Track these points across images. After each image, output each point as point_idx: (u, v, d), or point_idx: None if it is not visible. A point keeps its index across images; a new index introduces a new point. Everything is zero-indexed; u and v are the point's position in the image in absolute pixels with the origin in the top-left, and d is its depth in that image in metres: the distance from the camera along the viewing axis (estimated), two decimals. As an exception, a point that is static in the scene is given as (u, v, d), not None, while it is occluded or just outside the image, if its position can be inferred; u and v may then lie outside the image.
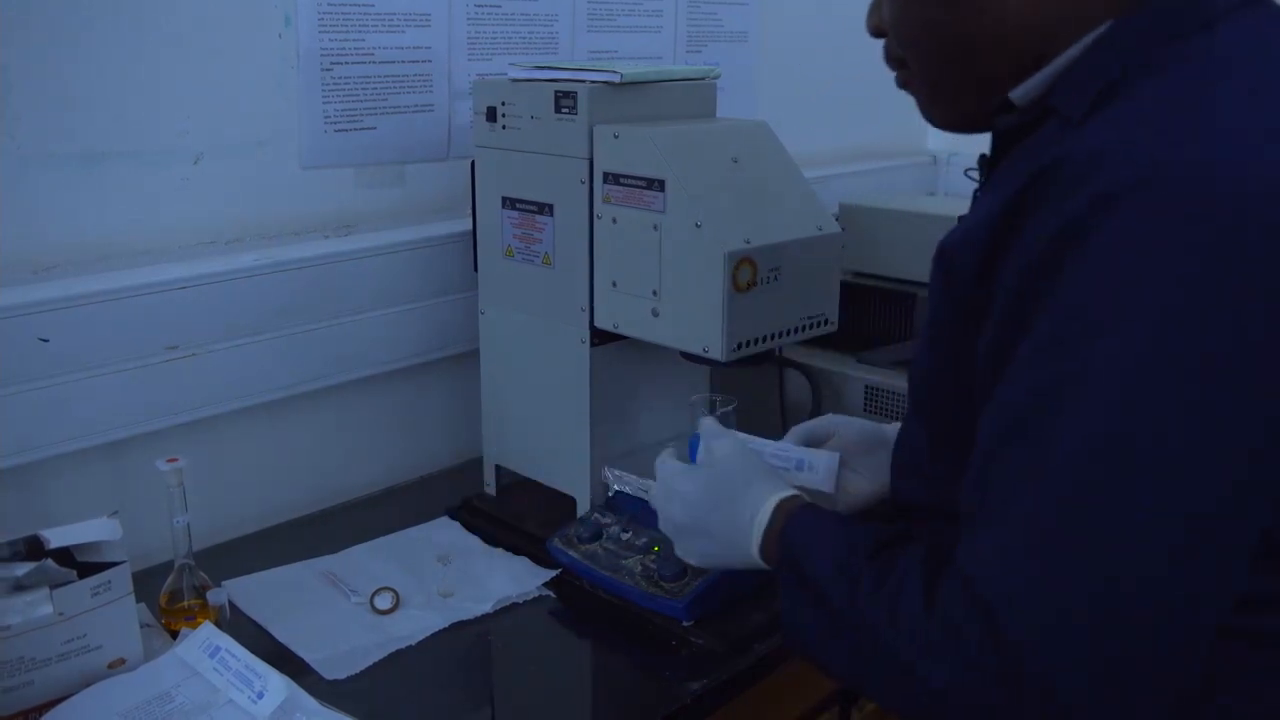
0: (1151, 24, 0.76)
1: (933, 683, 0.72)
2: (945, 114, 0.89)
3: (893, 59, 0.90)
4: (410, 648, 1.16)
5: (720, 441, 1.07)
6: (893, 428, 1.14)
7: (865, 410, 1.68)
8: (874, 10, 0.90)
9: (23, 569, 1.02)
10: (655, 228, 1.20)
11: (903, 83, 0.90)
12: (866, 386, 1.71)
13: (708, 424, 1.13)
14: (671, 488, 1.06)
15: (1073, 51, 0.79)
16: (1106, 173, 0.68)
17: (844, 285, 1.32)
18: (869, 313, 1.81)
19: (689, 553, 1.05)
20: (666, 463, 1.09)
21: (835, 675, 0.87)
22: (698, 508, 1.02)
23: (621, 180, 1.22)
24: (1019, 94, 0.82)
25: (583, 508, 1.36)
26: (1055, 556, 0.68)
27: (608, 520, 1.30)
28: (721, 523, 0.99)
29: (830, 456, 1.12)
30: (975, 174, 0.99)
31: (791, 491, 0.98)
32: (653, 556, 1.23)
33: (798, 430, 1.17)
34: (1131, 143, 0.69)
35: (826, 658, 0.85)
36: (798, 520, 0.92)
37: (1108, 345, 0.67)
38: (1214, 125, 0.68)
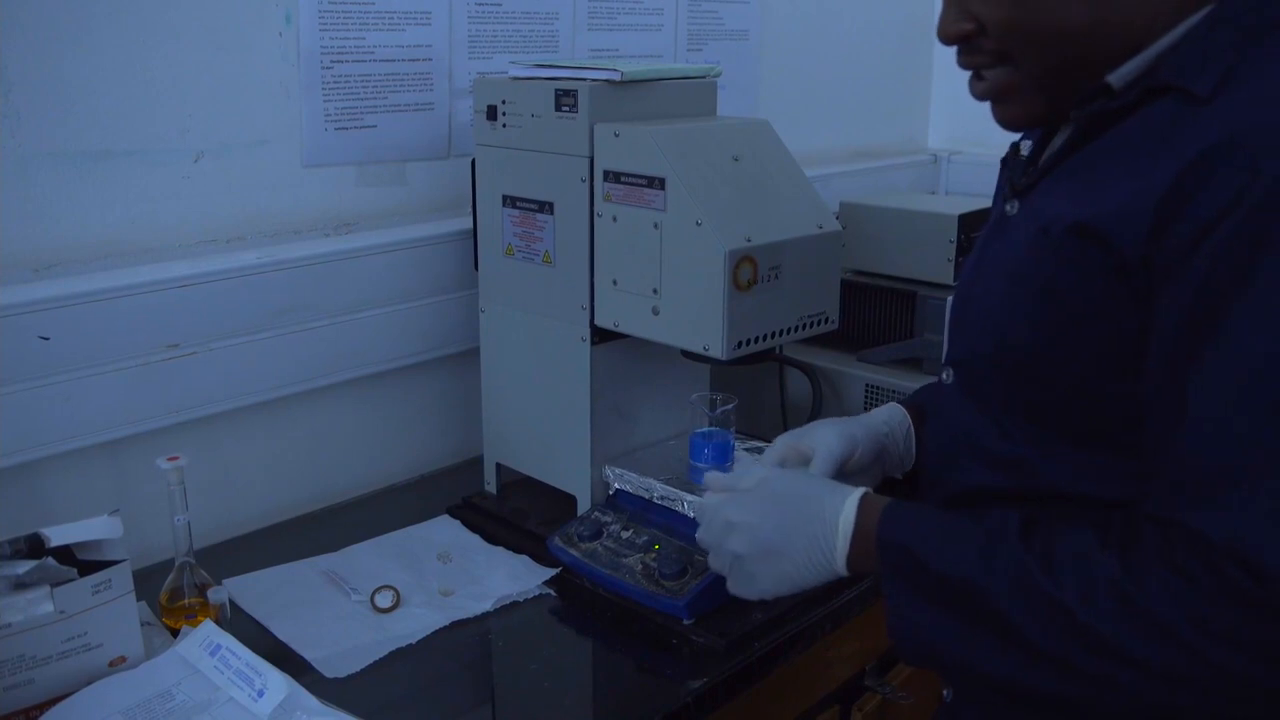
0: (1255, 8, 0.79)
1: (1198, 660, 0.71)
2: (1038, 111, 0.89)
3: (987, 56, 0.88)
4: (411, 646, 1.16)
5: (757, 468, 1.03)
6: (868, 417, 1.13)
7: (865, 408, 1.68)
8: (957, 17, 0.87)
9: (23, 567, 1.02)
10: (656, 226, 1.20)
11: (998, 85, 0.89)
12: (867, 385, 1.71)
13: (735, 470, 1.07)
14: (726, 521, 0.98)
15: (1172, 35, 0.81)
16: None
17: (845, 284, 1.32)
18: (870, 311, 1.81)
19: (754, 583, 0.97)
20: (710, 498, 1.02)
21: (979, 674, 0.81)
22: (761, 532, 0.95)
23: (622, 179, 1.22)
24: (1117, 77, 0.84)
25: (583, 506, 1.36)
26: None
27: (608, 518, 1.30)
28: (795, 543, 0.92)
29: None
30: (1021, 151, 0.99)
31: (865, 490, 0.92)
32: (653, 555, 1.24)
33: (824, 461, 1.07)
34: None
35: (968, 657, 0.81)
36: (897, 516, 0.87)
37: None
38: None
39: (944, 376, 0.99)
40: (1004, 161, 1.02)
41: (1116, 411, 0.83)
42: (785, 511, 0.94)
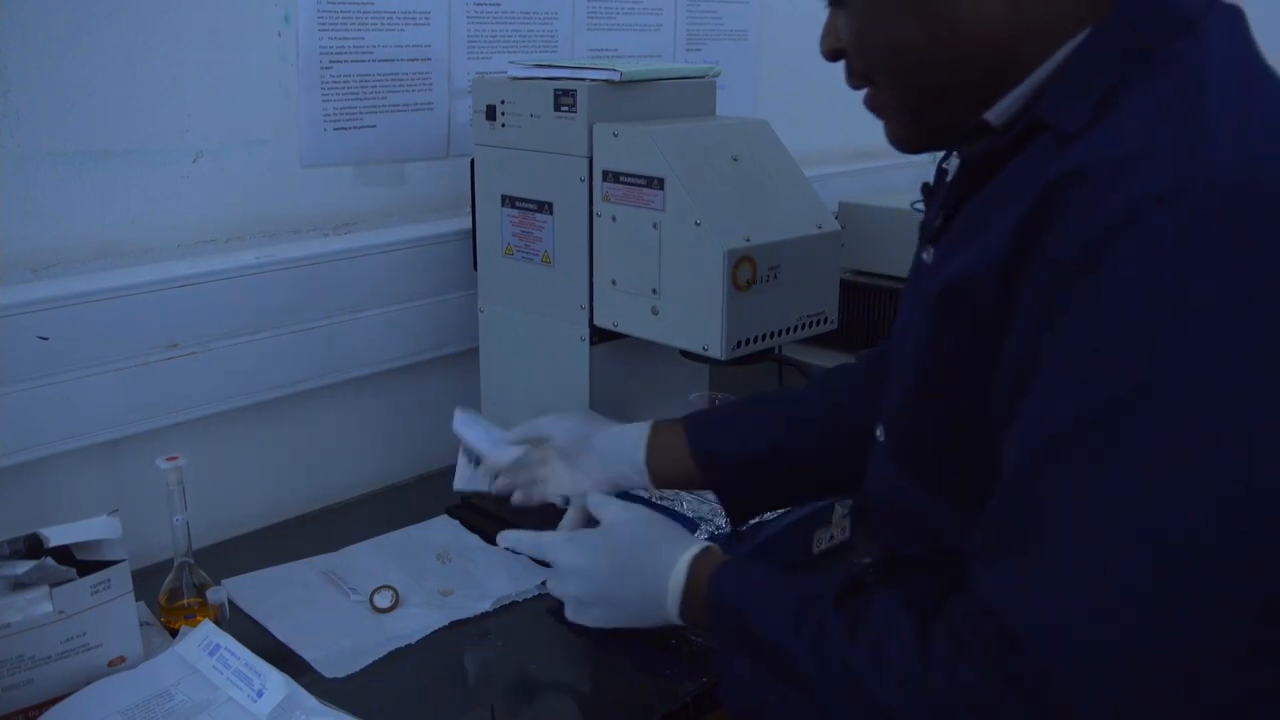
0: (1132, 31, 0.74)
1: None
2: (913, 134, 0.85)
3: (857, 77, 0.85)
4: (410, 646, 1.16)
5: (610, 509, 1.06)
6: (608, 425, 1.19)
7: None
8: (829, 33, 0.85)
9: (22, 567, 1.02)
10: (655, 226, 1.20)
11: (870, 103, 0.86)
12: (866, 385, 1.71)
13: (594, 498, 1.11)
14: (564, 564, 1.04)
15: (1049, 65, 0.76)
16: (1137, 180, 0.65)
17: (844, 284, 1.32)
18: (869, 311, 1.81)
19: (591, 618, 1.04)
20: (554, 539, 1.08)
21: None
22: (598, 579, 1.01)
23: (621, 179, 1.22)
24: (995, 114, 0.79)
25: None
26: (1102, 593, 0.64)
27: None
28: (629, 592, 0.97)
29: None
30: (921, 205, 0.96)
31: (703, 545, 0.96)
32: None
33: (517, 431, 1.22)
34: (1150, 151, 0.67)
35: (784, 717, 0.80)
36: (726, 576, 0.89)
37: (1162, 351, 0.63)
38: (1219, 127, 0.67)
39: (877, 433, 0.94)
40: (924, 196, 0.97)
41: None
42: (623, 562, 0.99)
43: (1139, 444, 0.63)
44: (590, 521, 1.11)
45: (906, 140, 0.86)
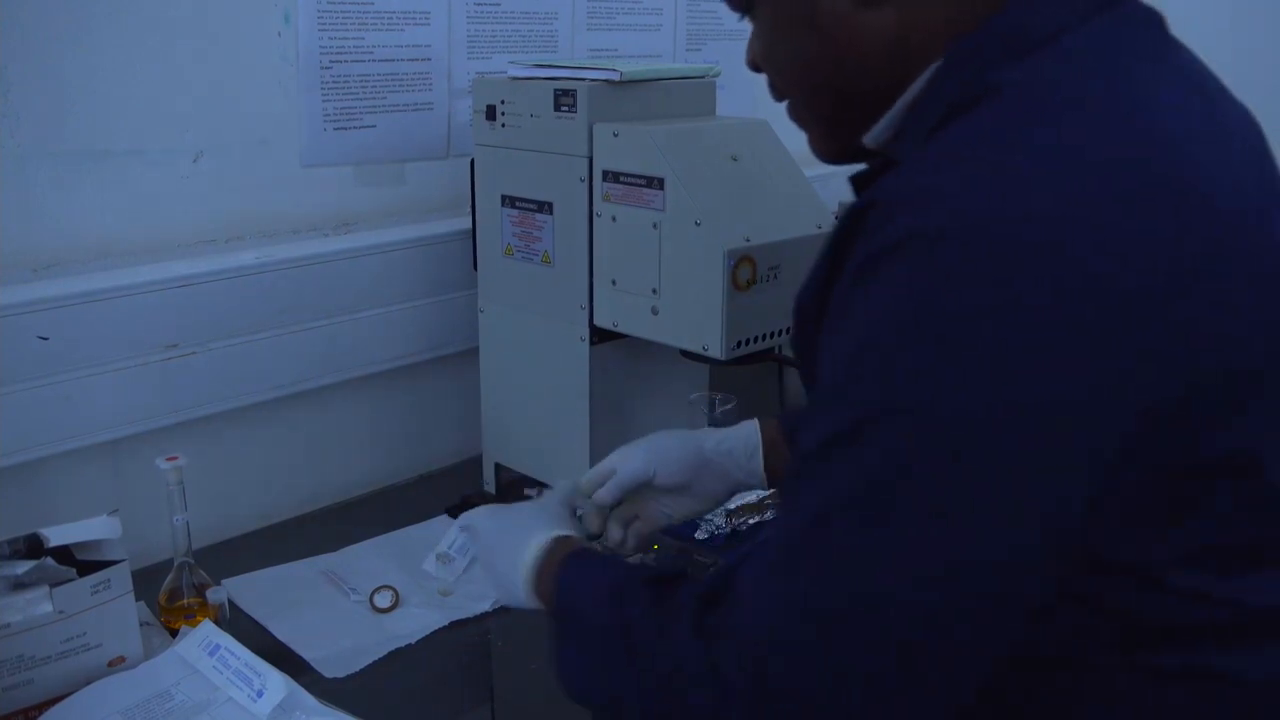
0: (975, 53, 0.71)
1: (691, 700, 0.71)
2: (827, 146, 0.84)
3: (775, 89, 0.86)
4: (410, 646, 1.16)
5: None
6: (711, 437, 1.13)
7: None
8: (749, 47, 0.86)
9: (22, 567, 1.02)
10: (655, 226, 1.20)
11: (791, 114, 0.86)
12: (866, 385, 1.71)
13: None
14: (472, 523, 1.05)
15: (915, 87, 0.74)
16: (912, 214, 0.63)
17: (844, 284, 1.31)
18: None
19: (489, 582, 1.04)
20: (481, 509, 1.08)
21: (600, 709, 0.84)
22: (483, 547, 1.02)
23: (621, 178, 1.22)
24: (871, 138, 0.78)
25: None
26: (798, 577, 0.66)
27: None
28: (501, 564, 0.98)
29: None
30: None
31: (563, 532, 0.97)
32: (652, 555, 1.23)
33: (616, 484, 1.11)
34: (934, 187, 0.64)
35: (591, 689, 0.82)
36: (573, 560, 0.90)
37: (891, 381, 0.63)
38: (1017, 173, 0.63)
39: None
40: None
41: None
42: (505, 537, 0.99)
43: (854, 474, 0.64)
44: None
45: (825, 152, 0.85)
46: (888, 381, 0.63)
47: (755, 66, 0.86)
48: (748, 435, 1.12)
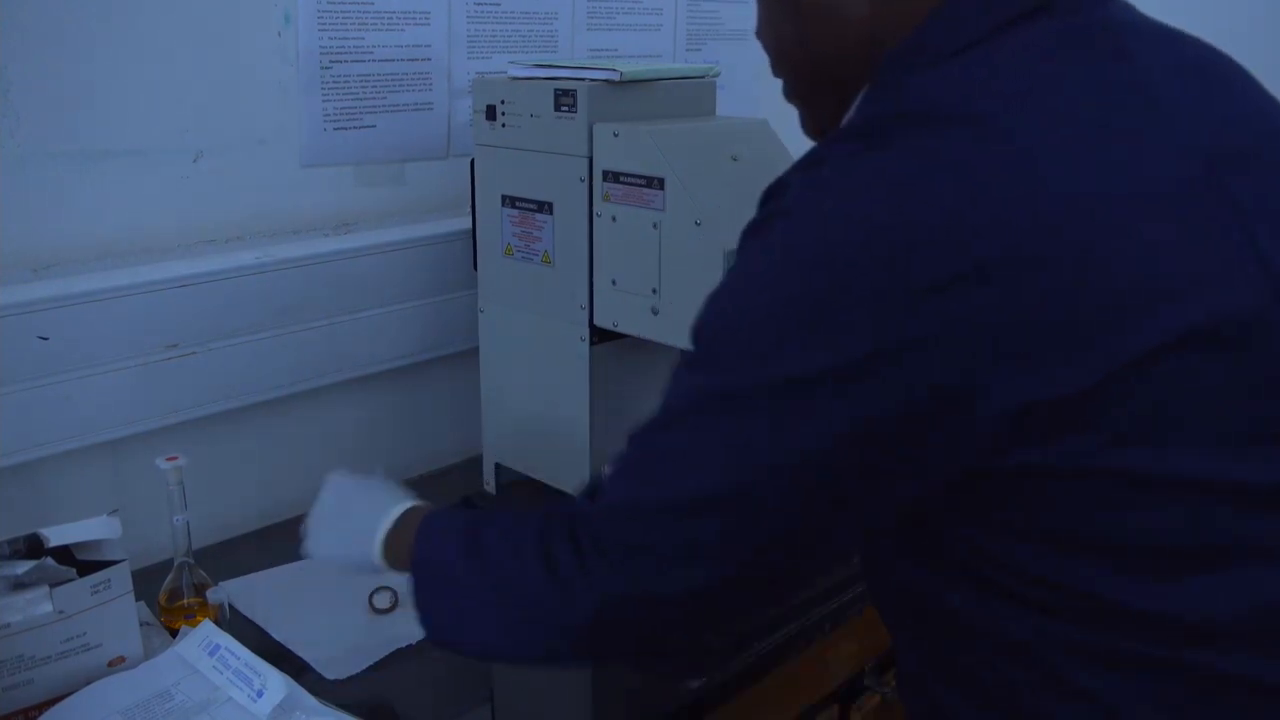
0: (901, 55, 0.74)
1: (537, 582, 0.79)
2: (809, 126, 0.89)
3: (775, 71, 0.89)
4: (410, 647, 1.16)
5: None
6: None
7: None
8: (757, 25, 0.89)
9: (22, 567, 1.02)
10: (655, 226, 1.20)
11: (784, 93, 0.90)
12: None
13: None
14: (324, 490, 1.09)
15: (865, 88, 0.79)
16: (787, 195, 0.72)
17: (844, 284, 1.32)
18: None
19: (313, 550, 1.07)
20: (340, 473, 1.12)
21: (462, 645, 0.89)
22: (325, 510, 1.06)
23: (621, 178, 1.22)
24: (848, 119, 0.80)
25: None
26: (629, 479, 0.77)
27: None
28: (345, 527, 1.02)
29: None
30: None
31: (418, 503, 1.01)
32: None
33: None
34: (794, 181, 0.72)
35: (457, 628, 0.88)
36: (430, 516, 0.95)
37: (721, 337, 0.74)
38: (872, 170, 0.68)
39: None
40: None
41: None
42: (351, 499, 1.07)
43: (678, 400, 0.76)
44: None
45: (808, 132, 0.89)
46: (719, 328, 0.75)
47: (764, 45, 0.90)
48: None
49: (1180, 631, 0.69)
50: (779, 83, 0.89)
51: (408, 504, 1.01)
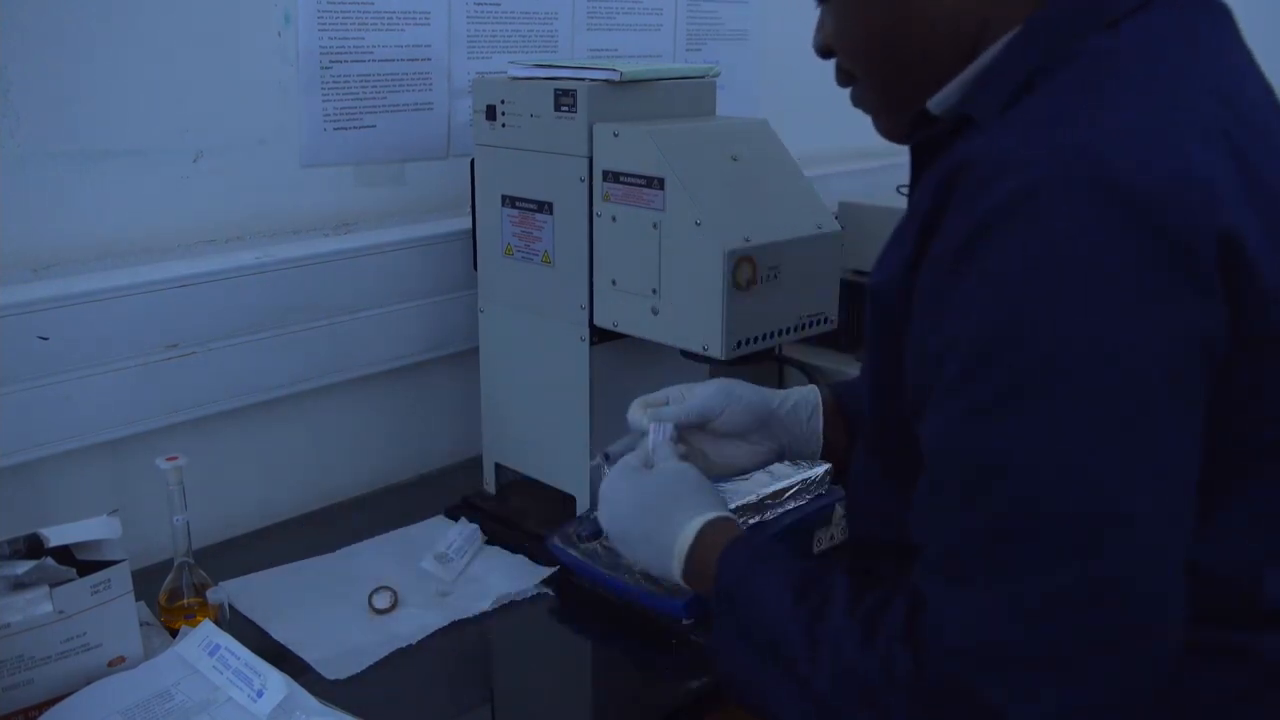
0: (1055, 23, 0.75)
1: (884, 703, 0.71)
2: (892, 125, 0.87)
3: (843, 74, 0.88)
4: (410, 647, 1.16)
5: (669, 458, 1.03)
6: (777, 394, 1.12)
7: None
8: (819, 30, 0.88)
9: (22, 567, 1.02)
10: (655, 226, 1.20)
11: (855, 99, 0.89)
12: (866, 385, 1.71)
13: (662, 449, 1.04)
14: (611, 487, 1.01)
15: (988, 55, 0.77)
16: (1012, 175, 0.66)
17: (844, 283, 1.32)
18: (869, 311, 1.81)
19: (625, 554, 1.02)
20: (618, 464, 1.05)
21: (762, 710, 0.83)
22: (626, 518, 0.99)
23: (621, 179, 1.22)
24: (935, 102, 0.81)
25: (582, 506, 1.36)
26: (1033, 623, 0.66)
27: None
28: (645, 537, 0.96)
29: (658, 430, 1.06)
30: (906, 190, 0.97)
31: (718, 513, 0.94)
32: None
33: (682, 409, 1.08)
34: (1027, 146, 0.67)
35: (772, 704, 0.81)
36: (731, 556, 0.88)
37: (1014, 367, 0.65)
38: (1101, 126, 0.67)
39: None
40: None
41: None
42: (649, 506, 0.97)
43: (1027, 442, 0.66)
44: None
45: (890, 131, 0.88)
46: (1013, 360, 0.65)
47: (825, 51, 0.88)
48: (807, 396, 1.13)
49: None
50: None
51: (710, 515, 0.94)
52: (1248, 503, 0.71)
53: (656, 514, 0.96)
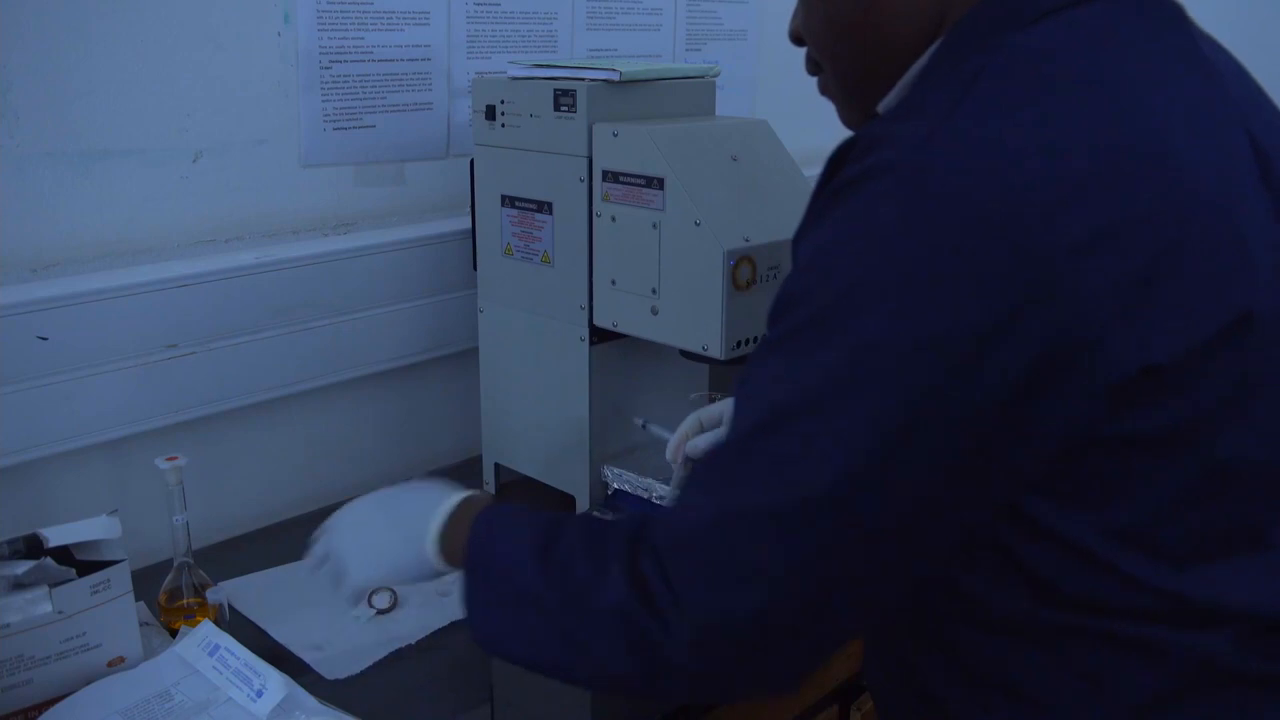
0: (980, 20, 0.74)
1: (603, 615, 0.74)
2: (852, 115, 0.88)
3: (811, 63, 0.89)
4: (409, 646, 1.16)
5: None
6: None
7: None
8: (793, 17, 0.89)
9: (22, 567, 1.02)
10: (655, 226, 1.20)
11: (821, 88, 0.90)
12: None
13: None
14: (344, 510, 1.02)
15: (929, 53, 0.77)
16: (870, 155, 0.69)
17: (843, 284, 1.32)
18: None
19: (356, 576, 0.98)
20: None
21: (520, 657, 0.85)
22: (366, 519, 0.99)
23: (621, 178, 1.22)
24: (884, 105, 0.81)
25: (582, 506, 1.36)
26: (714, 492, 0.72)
27: (607, 518, 1.30)
28: (393, 524, 0.96)
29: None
30: None
31: (473, 492, 0.96)
32: None
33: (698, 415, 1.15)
34: (894, 133, 0.69)
35: (509, 638, 0.84)
36: (487, 512, 0.90)
37: (809, 314, 0.69)
38: (960, 126, 0.67)
39: None
40: None
41: None
42: (391, 507, 0.99)
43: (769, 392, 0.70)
44: None
45: (850, 121, 0.89)
46: (824, 297, 0.68)
47: (797, 38, 0.89)
48: None
49: (1188, 615, 0.71)
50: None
51: (462, 494, 0.95)
52: (1146, 502, 0.70)
53: (408, 505, 0.97)
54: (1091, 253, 0.64)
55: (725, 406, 1.12)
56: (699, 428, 1.12)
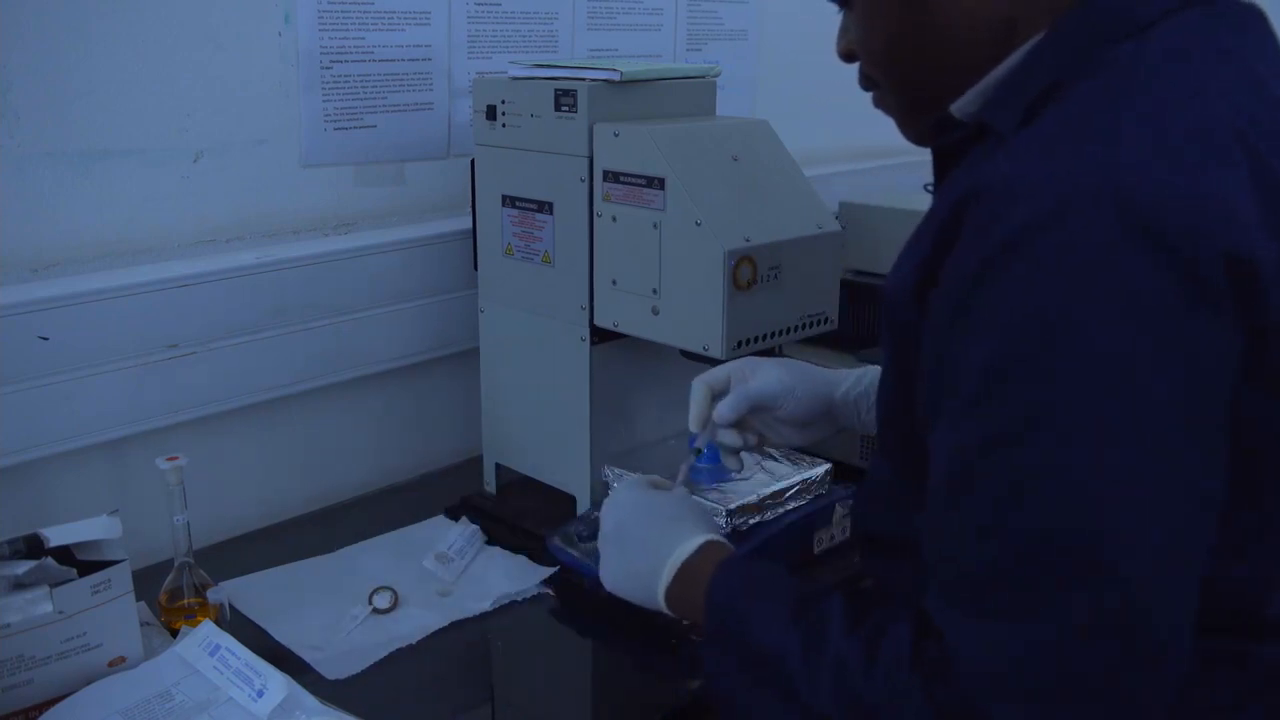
0: (1083, 28, 0.73)
1: None
2: (914, 129, 0.87)
3: (865, 78, 0.88)
4: (410, 646, 1.16)
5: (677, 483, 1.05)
6: (838, 374, 1.12)
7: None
8: (842, 34, 0.88)
9: (22, 567, 1.02)
10: (655, 226, 1.20)
11: (878, 103, 0.89)
12: (866, 385, 1.71)
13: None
14: (620, 494, 1.02)
15: (1013, 59, 0.76)
16: (1024, 204, 0.65)
17: (844, 284, 1.32)
18: (869, 311, 1.81)
19: (605, 568, 0.99)
20: (629, 479, 1.05)
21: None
22: (630, 521, 0.98)
23: (621, 178, 1.22)
24: (958, 107, 0.80)
25: (582, 506, 1.36)
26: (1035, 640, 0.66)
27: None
28: (642, 543, 0.95)
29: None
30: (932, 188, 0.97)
31: (719, 538, 0.94)
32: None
33: (744, 398, 1.08)
34: (1043, 171, 0.66)
35: (751, 717, 0.82)
36: (725, 572, 0.88)
37: (1034, 395, 0.65)
38: (1124, 142, 0.66)
39: None
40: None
41: None
42: (650, 517, 0.97)
43: (1030, 475, 0.65)
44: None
45: (914, 135, 0.88)
46: (1034, 387, 0.65)
47: (848, 55, 0.88)
48: (866, 387, 1.12)
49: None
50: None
51: (700, 538, 0.93)
52: (1255, 524, 0.71)
53: (663, 522, 0.96)
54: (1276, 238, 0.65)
55: (731, 368, 1.10)
56: (709, 393, 1.09)
